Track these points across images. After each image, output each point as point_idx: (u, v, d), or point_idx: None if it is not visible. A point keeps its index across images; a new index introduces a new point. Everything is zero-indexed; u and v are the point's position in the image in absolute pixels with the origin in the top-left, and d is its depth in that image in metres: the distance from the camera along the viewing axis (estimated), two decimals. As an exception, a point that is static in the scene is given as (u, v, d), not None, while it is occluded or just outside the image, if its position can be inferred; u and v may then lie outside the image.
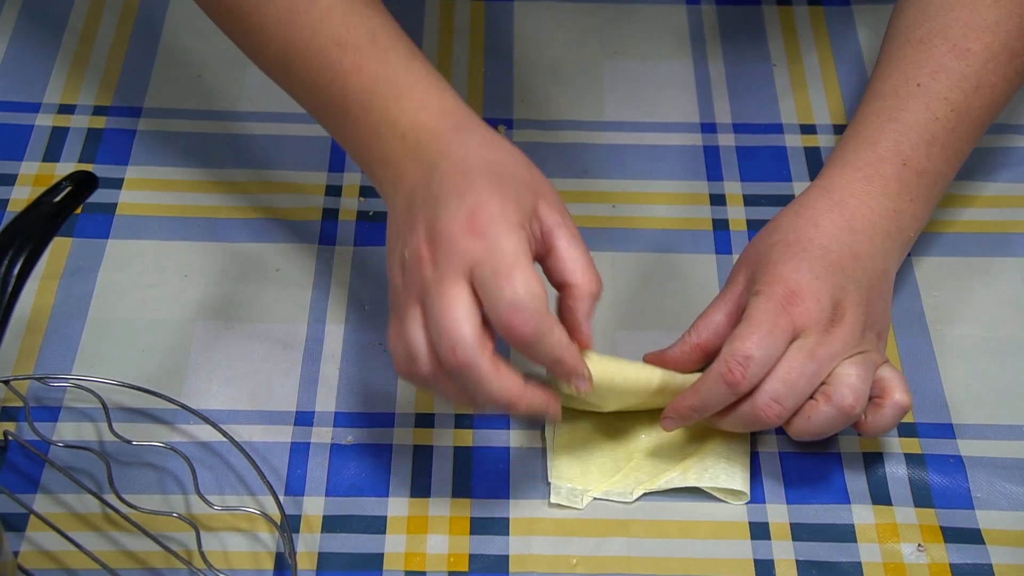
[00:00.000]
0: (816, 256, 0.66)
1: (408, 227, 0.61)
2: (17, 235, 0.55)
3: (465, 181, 0.60)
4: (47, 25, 0.92)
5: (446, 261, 0.59)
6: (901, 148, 0.69)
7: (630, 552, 0.67)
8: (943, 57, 0.70)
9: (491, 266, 0.58)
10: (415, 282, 0.60)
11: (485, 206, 0.59)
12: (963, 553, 0.67)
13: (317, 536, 0.67)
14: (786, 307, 0.64)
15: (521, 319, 0.58)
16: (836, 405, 0.65)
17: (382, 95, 0.64)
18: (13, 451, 0.70)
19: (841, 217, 0.67)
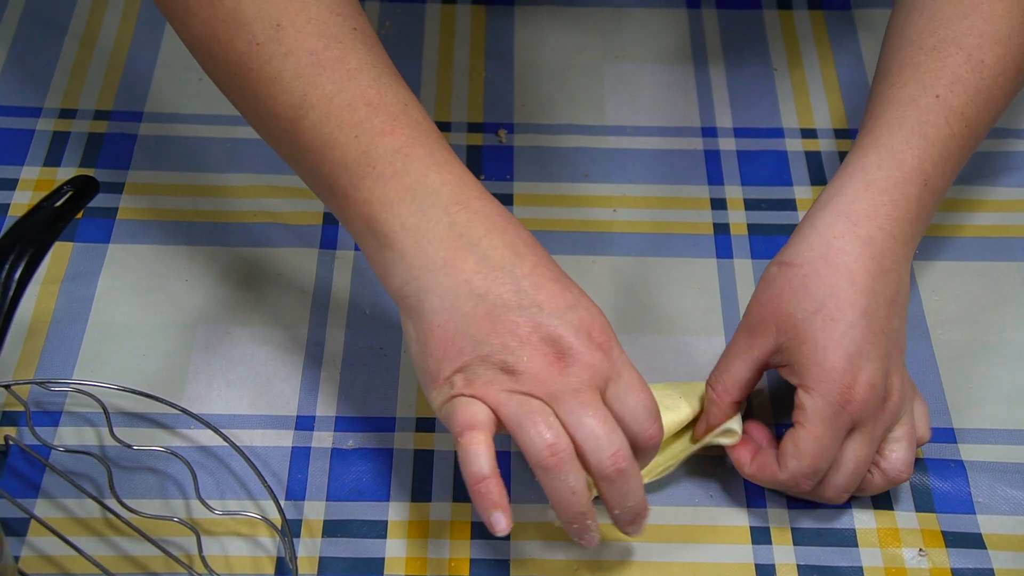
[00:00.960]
0: (861, 331, 0.63)
1: (511, 334, 0.59)
2: (18, 240, 0.55)
3: (564, 291, 0.60)
4: (48, 30, 0.92)
5: (585, 373, 0.59)
6: (924, 167, 0.66)
7: (631, 557, 0.67)
8: (959, 67, 0.67)
9: (627, 380, 0.60)
10: (543, 388, 0.59)
11: (599, 320, 0.60)
12: (965, 558, 0.67)
13: (318, 541, 0.67)
14: (844, 407, 0.63)
15: (657, 427, 0.61)
16: (892, 480, 0.67)
17: (419, 160, 0.61)
18: (14, 455, 0.70)
19: (872, 261, 0.64)
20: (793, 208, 0.83)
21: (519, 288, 0.59)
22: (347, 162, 0.61)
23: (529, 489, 0.69)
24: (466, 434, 0.59)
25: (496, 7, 0.95)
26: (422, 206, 0.60)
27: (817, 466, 0.64)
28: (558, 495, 0.59)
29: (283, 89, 0.62)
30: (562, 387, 0.59)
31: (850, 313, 0.63)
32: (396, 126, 0.61)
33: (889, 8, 0.96)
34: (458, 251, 0.59)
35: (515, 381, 0.59)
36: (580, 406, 0.59)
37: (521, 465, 0.70)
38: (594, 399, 0.59)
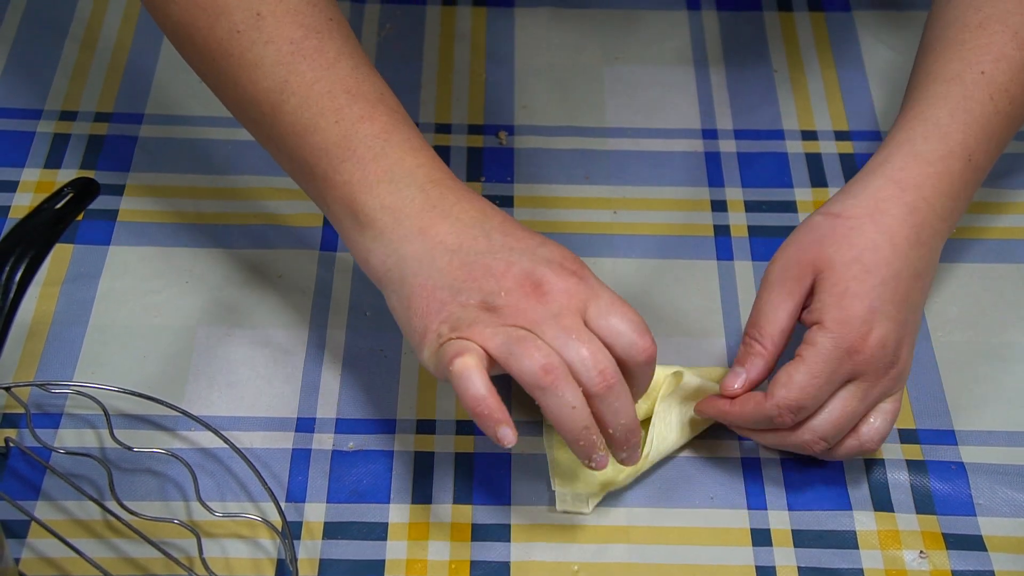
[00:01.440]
0: (889, 290, 0.64)
1: (486, 277, 0.61)
2: (19, 242, 0.55)
3: (531, 236, 0.63)
4: (49, 32, 0.92)
5: (563, 298, 0.61)
6: (968, 143, 0.66)
7: (631, 559, 0.67)
8: (1005, 44, 0.67)
9: (606, 300, 0.61)
10: (526, 317, 0.60)
11: (568, 255, 0.63)
12: (965, 560, 0.67)
13: (318, 543, 0.67)
14: (851, 355, 0.63)
15: (648, 338, 0.62)
16: (862, 446, 0.67)
17: (397, 145, 0.64)
18: (14, 458, 0.70)
19: (913, 229, 0.65)
20: (794, 210, 0.83)
21: (490, 238, 0.62)
22: (327, 146, 0.64)
23: (530, 491, 0.69)
24: (456, 360, 0.60)
25: (497, 9, 0.95)
26: (399, 186, 0.63)
27: (803, 401, 0.64)
28: (559, 413, 0.60)
29: (264, 75, 0.64)
30: (543, 314, 0.60)
31: (884, 271, 0.64)
32: (375, 113, 0.64)
33: (887, 9, 0.96)
34: (432, 219, 0.62)
35: (498, 316, 0.60)
36: (563, 330, 0.60)
37: (521, 467, 0.70)
38: (575, 322, 0.60)
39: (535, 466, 0.70)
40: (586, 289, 0.61)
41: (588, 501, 0.68)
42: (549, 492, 0.69)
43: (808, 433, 0.65)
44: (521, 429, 0.71)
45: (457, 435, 0.71)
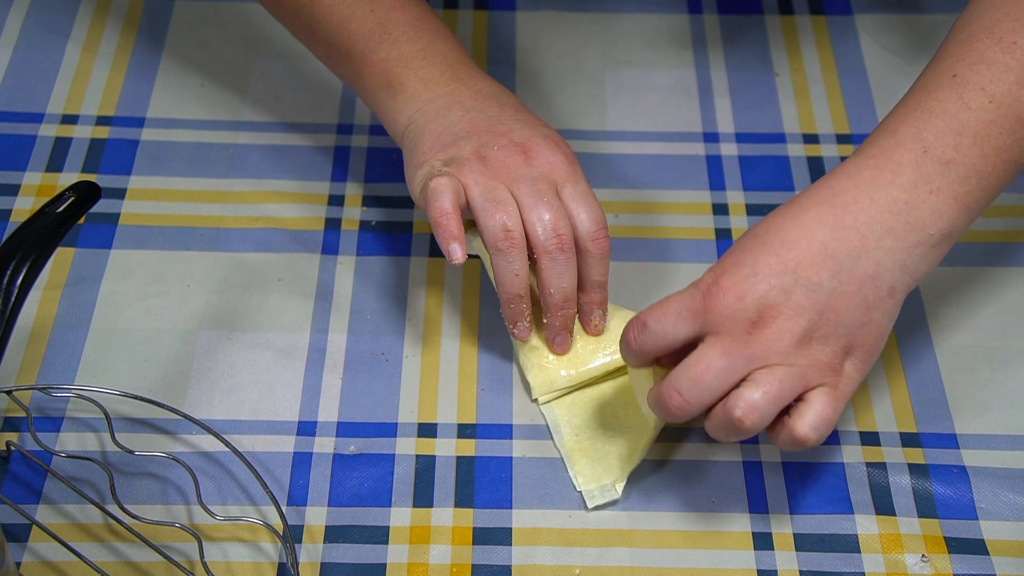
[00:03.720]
0: (769, 251, 0.61)
1: (488, 131, 0.70)
2: (20, 245, 0.55)
3: (541, 122, 0.72)
4: (50, 36, 0.92)
5: (543, 166, 0.69)
6: (923, 135, 0.63)
7: (632, 562, 0.67)
8: (986, 50, 0.64)
9: (583, 188, 0.70)
10: (507, 171, 0.69)
11: (567, 146, 0.71)
12: (967, 564, 0.67)
13: (319, 546, 0.67)
14: (704, 296, 0.61)
15: (604, 234, 0.70)
16: (725, 415, 0.61)
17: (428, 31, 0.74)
18: (15, 461, 0.70)
19: (830, 210, 0.62)
20: (795, 213, 0.82)
21: (503, 108, 0.72)
22: (364, 31, 0.73)
23: (532, 494, 0.69)
24: (435, 179, 0.68)
25: (498, 12, 0.95)
26: (432, 61, 0.73)
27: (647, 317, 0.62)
28: (503, 274, 0.69)
29: None
30: (523, 174, 0.69)
31: (770, 236, 0.62)
32: (406, 3, 0.74)
33: (889, 13, 0.96)
34: (458, 88, 0.72)
35: (484, 165, 0.69)
36: (535, 192, 0.68)
37: (523, 470, 0.70)
38: (548, 188, 0.69)
39: (536, 469, 0.70)
40: (569, 170, 0.70)
41: (615, 487, 0.68)
42: (556, 496, 0.69)
43: (666, 385, 0.61)
44: (522, 433, 0.72)
45: (458, 439, 0.71)
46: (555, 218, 0.68)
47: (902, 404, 0.73)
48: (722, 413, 0.61)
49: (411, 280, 0.78)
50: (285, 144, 0.86)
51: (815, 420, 0.61)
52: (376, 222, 0.82)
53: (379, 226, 0.81)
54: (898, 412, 0.73)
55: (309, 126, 0.87)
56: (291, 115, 0.87)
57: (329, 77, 0.89)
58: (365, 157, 0.85)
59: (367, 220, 0.82)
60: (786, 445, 0.62)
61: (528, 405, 0.73)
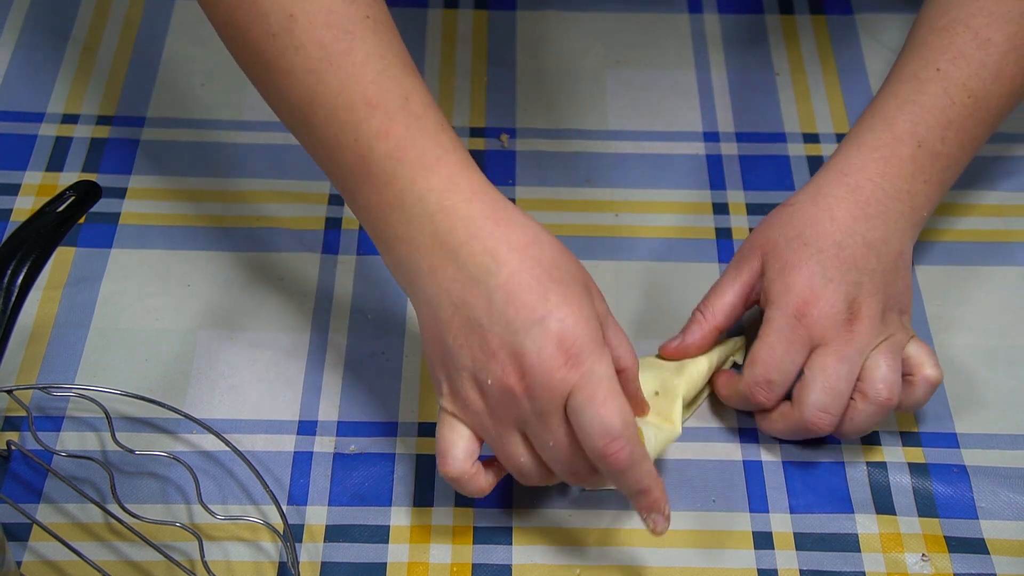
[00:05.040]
0: (830, 256, 0.68)
1: (480, 349, 0.59)
2: (21, 245, 0.55)
3: (540, 301, 0.59)
4: (51, 35, 0.92)
5: (545, 395, 0.59)
6: (918, 130, 0.70)
7: (633, 561, 0.67)
8: (965, 44, 0.71)
9: (588, 393, 0.58)
10: (510, 413, 0.60)
11: (572, 331, 0.58)
12: (967, 563, 0.67)
13: (320, 546, 0.67)
14: (800, 319, 0.67)
15: (617, 447, 0.59)
16: (873, 401, 0.67)
17: (409, 165, 0.61)
18: (16, 461, 0.70)
19: (856, 205, 0.69)
20: (795, 213, 0.83)
21: (491, 301, 0.59)
22: (349, 167, 0.62)
23: (532, 494, 0.69)
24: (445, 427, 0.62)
25: (498, 12, 0.95)
26: (409, 215, 0.61)
27: (769, 374, 0.67)
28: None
29: (295, 83, 0.62)
30: (525, 412, 0.60)
31: (823, 242, 0.68)
32: (392, 125, 0.61)
33: (890, 12, 0.96)
34: (440, 260, 0.60)
35: (485, 398, 0.60)
36: (542, 431, 0.60)
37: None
38: (554, 423, 0.60)
39: (537, 469, 0.70)
40: (578, 379, 0.59)
41: None
42: (556, 495, 0.69)
43: (808, 410, 0.67)
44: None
45: (459, 438, 0.71)
46: (565, 458, 0.61)
47: (902, 403, 0.73)
48: (867, 406, 0.67)
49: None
50: (286, 144, 0.86)
51: (932, 359, 0.69)
52: (376, 222, 0.82)
53: (379, 226, 0.81)
54: (898, 412, 0.73)
55: (309, 126, 0.87)
56: (291, 115, 0.87)
57: (329, 77, 0.89)
58: (365, 157, 0.85)
59: (367, 220, 0.82)
60: (921, 396, 0.69)
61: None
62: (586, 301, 0.60)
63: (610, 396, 0.58)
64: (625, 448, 0.58)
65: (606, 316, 0.63)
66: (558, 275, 0.60)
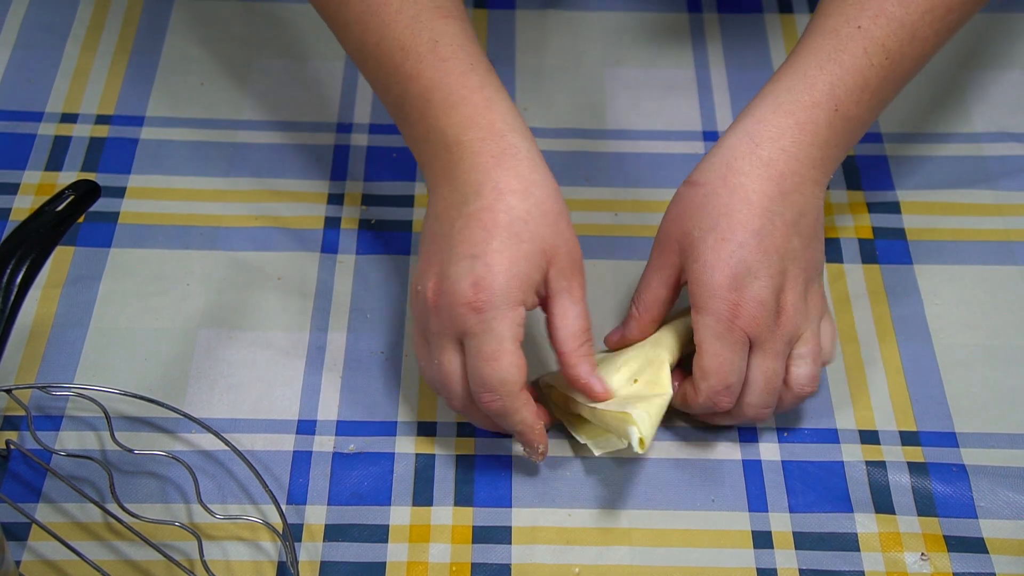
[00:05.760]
0: (751, 249, 0.65)
1: (428, 260, 0.66)
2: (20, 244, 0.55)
3: (482, 239, 0.64)
4: (50, 34, 0.92)
5: (447, 323, 0.64)
6: (836, 93, 0.67)
7: (632, 561, 0.67)
8: (886, 2, 0.68)
9: (478, 343, 0.63)
10: (424, 321, 0.66)
11: (491, 280, 0.63)
12: (966, 562, 0.67)
13: (319, 545, 0.67)
14: (733, 321, 0.65)
15: (488, 399, 0.64)
16: (798, 394, 0.69)
17: (435, 104, 0.66)
18: (15, 460, 0.70)
19: (771, 182, 0.66)
20: (794, 212, 0.82)
21: (454, 224, 0.65)
22: (392, 106, 0.70)
23: (531, 493, 0.69)
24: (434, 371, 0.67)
25: (498, 10, 0.95)
26: (433, 147, 0.67)
27: (726, 381, 0.66)
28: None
29: (349, 36, 0.71)
30: (432, 326, 0.65)
31: (741, 233, 0.65)
32: (422, 68, 0.67)
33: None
34: (443, 180, 0.67)
35: (416, 299, 0.67)
36: (436, 349, 0.66)
37: (522, 469, 0.70)
38: (445, 346, 0.65)
39: (536, 468, 0.70)
40: (475, 324, 0.63)
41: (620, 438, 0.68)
42: (555, 495, 0.69)
43: (751, 410, 0.68)
44: (522, 431, 0.71)
45: (458, 437, 0.71)
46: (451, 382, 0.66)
47: (901, 403, 0.73)
48: (790, 398, 0.69)
49: (411, 279, 0.78)
50: (285, 143, 0.86)
51: (831, 343, 0.70)
52: (376, 221, 0.82)
53: (379, 225, 0.81)
54: (897, 411, 0.73)
55: (309, 125, 0.87)
56: (291, 114, 0.87)
57: (329, 76, 0.89)
58: (365, 156, 0.85)
59: (367, 219, 0.82)
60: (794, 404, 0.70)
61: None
62: (527, 261, 0.64)
63: (497, 354, 0.63)
64: (495, 402, 0.64)
65: (560, 292, 0.66)
66: (519, 229, 0.64)
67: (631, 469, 0.70)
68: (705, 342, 0.66)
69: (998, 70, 0.91)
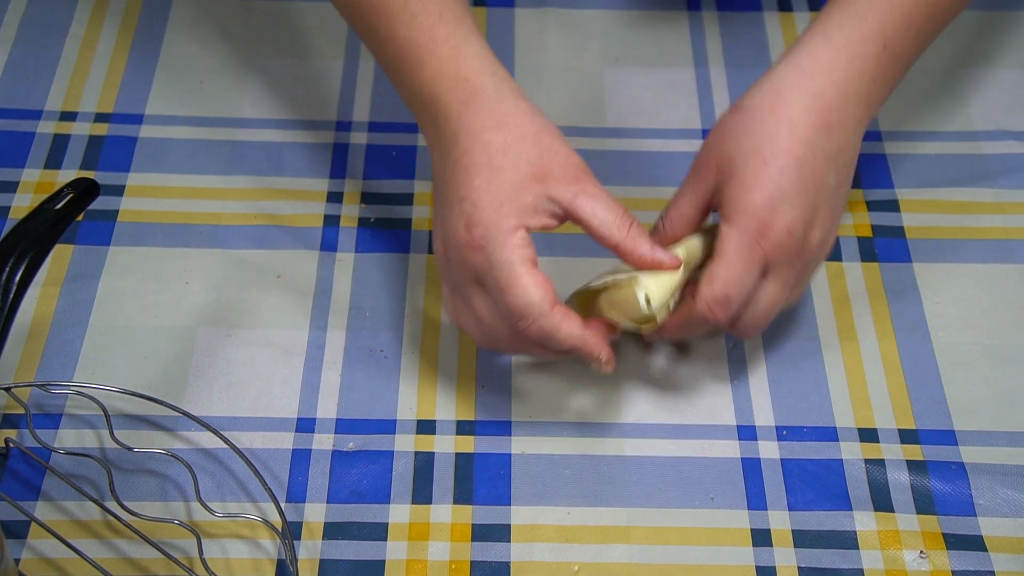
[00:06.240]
0: (792, 177, 0.65)
1: (434, 219, 0.68)
2: (19, 242, 0.55)
3: (464, 181, 0.65)
4: (49, 33, 0.92)
5: (460, 270, 0.66)
6: (885, 29, 0.67)
7: (631, 559, 0.67)
8: None
9: (493, 278, 0.64)
10: (447, 274, 0.68)
11: (480, 216, 0.64)
12: (965, 560, 0.67)
13: (318, 543, 0.67)
14: (759, 241, 0.65)
15: (525, 326, 0.64)
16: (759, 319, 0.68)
17: (408, 62, 0.68)
18: (14, 458, 0.70)
19: (817, 113, 0.66)
20: (794, 210, 0.82)
21: (444, 176, 0.67)
22: (383, 68, 0.71)
23: (530, 491, 0.69)
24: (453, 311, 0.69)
25: (497, 8, 0.95)
26: (416, 105, 0.69)
27: (728, 293, 0.65)
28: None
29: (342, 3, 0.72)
30: (454, 278, 0.67)
31: (783, 159, 0.65)
32: (395, 28, 0.68)
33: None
34: (431, 140, 0.69)
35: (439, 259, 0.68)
36: (467, 299, 0.67)
37: (522, 467, 0.70)
38: (470, 292, 0.66)
39: (535, 467, 0.70)
40: (483, 261, 0.64)
41: None
42: (555, 493, 0.69)
43: (747, 325, 0.68)
44: (521, 430, 0.72)
45: (457, 435, 0.71)
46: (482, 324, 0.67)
47: (900, 401, 0.73)
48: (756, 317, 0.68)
49: (410, 277, 0.78)
50: (284, 141, 0.86)
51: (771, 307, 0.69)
52: (375, 219, 0.82)
53: (378, 223, 0.81)
54: (896, 409, 0.73)
55: (308, 123, 0.87)
56: (290, 112, 0.87)
57: (328, 74, 0.89)
58: (364, 154, 0.85)
59: (366, 217, 0.82)
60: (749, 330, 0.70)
61: (527, 401, 0.73)
62: (513, 188, 0.64)
63: (511, 280, 0.63)
64: (532, 327, 0.64)
65: (576, 195, 0.65)
66: (498, 161, 0.65)
67: (631, 467, 0.70)
68: (726, 252, 0.65)
69: (997, 68, 0.91)
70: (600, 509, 0.69)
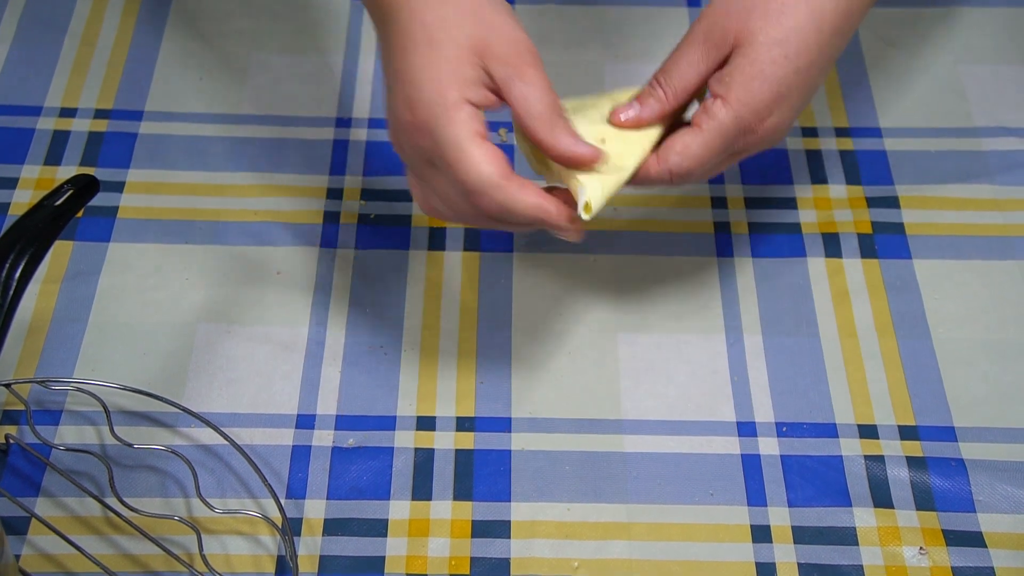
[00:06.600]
0: (802, 77, 0.64)
1: (385, 101, 0.65)
2: (19, 238, 0.55)
3: (402, 60, 0.62)
4: (48, 29, 0.92)
5: (412, 153, 0.63)
6: None
7: (631, 555, 0.67)
8: None
9: (441, 157, 0.61)
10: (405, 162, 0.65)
11: (420, 95, 0.61)
12: (965, 556, 0.67)
13: (318, 539, 0.67)
14: (746, 134, 0.64)
15: (481, 202, 0.61)
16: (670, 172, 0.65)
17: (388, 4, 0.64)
18: (14, 454, 0.70)
19: (842, 16, 0.65)
20: (794, 207, 0.83)
21: (386, 59, 0.64)
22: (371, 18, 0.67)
23: (530, 487, 0.69)
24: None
25: (496, 6, 0.95)
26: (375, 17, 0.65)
27: (694, 170, 0.64)
28: None
29: None
30: (410, 162, 0.65)
31: (803, 59, 0.64)
32: None
33: (889, 7, 0.96)
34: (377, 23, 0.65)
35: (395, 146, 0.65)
36: (427, 181, 0.64)
37: (521, 463, 0.70)
38: (426, 173, 0.63)
39: (535, 463, 0.70)
40: (431, 145, 0.61)
41: None
42: (554, 489, 0.69)
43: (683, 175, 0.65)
44: (521, 426, 0.72)
45: (457, 432, 0.71)
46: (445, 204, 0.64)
47: (900, 397, 0.73)
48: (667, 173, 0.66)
49: (410, 273, 0.78)
50: (284, 137, 0.86)
51: None
52: (375, 215, 0.82)
53: (378, 219, 0.81)
54: (896, 405, 0.73)
55: (308, 119, 0.87)
56: (290, 109, 0.87)
57: (328, 71, 0.89)
58: (364, 151, 0.85)
59: (366, 213, 0.82)
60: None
61: (527, 398, 0.73)
62: (451, 63, 0.61)
63: (460, 157, 0.60)
64: (491, 202, 0.61)
65: (508, 79, 0.62)
66: (435, 36, 0.62)
67: (631, 463, 0.70)
68: (709, 131, 0.64)
69: (997, 65, 0.91)
70: (600, 505, 0.69)
